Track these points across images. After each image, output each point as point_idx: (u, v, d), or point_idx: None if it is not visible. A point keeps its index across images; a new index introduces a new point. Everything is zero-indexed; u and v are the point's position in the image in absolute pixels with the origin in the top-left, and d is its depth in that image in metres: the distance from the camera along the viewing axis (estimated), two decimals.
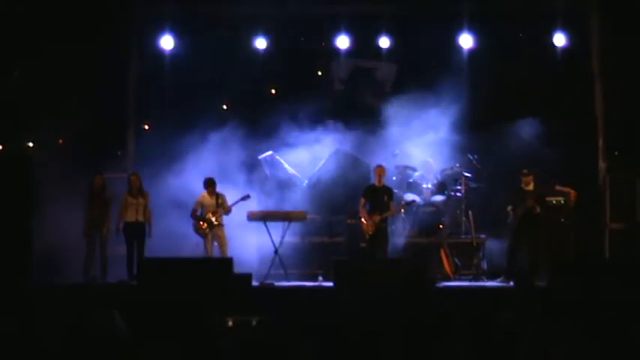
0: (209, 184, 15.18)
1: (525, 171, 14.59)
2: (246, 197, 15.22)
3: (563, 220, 15.06)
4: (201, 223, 15.02)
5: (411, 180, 16.44)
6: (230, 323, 10.54)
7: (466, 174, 16.20)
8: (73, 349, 7.39)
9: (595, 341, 7.19)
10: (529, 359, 7.07)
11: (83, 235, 14.63)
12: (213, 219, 15.01)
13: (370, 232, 14.58)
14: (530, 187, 14.57)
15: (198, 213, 15.09)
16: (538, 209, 14.52)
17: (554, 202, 15.12)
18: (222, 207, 15.08)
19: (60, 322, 8.38)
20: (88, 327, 7.88)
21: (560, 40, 16.42)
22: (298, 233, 15.84)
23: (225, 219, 15.13)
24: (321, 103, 16.97)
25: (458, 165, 16.31)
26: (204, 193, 15.18)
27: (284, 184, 16.72)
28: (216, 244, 15.07)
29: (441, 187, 16.32)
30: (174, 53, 17.16)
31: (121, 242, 14.79)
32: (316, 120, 16.63)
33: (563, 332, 7.22)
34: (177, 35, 17.10)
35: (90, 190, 14.75)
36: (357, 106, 17.78)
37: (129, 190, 14.89)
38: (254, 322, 8.84)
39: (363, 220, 14.68)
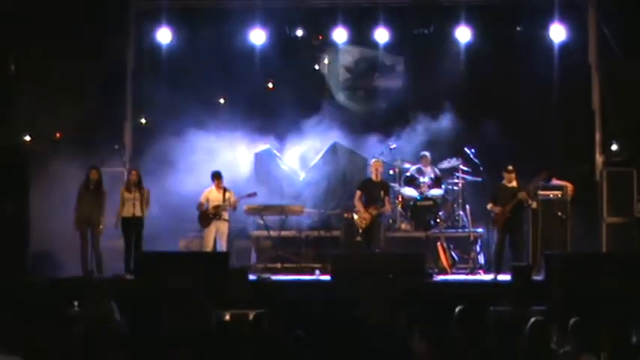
0: (216, 177, 15.09)
1: (510, 167, 14.36)
2: (252, 194, 15.10)
3: (560, 214, 15.00)
4: (207, 216, 14.91)
5: (408, 174, 16.43)
6: (227, 317, 10.55)
7: (463, 167, 16.18)
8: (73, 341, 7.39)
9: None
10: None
11: (75, 228, 14.58)
12: (219, 213, 14.91)
13: (364, 226, 14.54)
14: (513, 183, 14.37)
15: (205, 207, 15.01)
16: (534, 204, 14.54)
17: (551, 196, 15.10)
18: (228, 202, 14.99)
19: (57, 314, 8.39)
20: (89, 317, 7.89)
21: (557, 32, 16.38)
22: (295, 227, 15.85)
23: None
24: (317, 97, 17.01)
25: (455, 158, 16.28)
26: (212, 186, 15.06)
27: (281, 179, 16.72)
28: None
29: (437, 181, 16.30)
30: (171, 46, 17.12)
31: (118, 236, 14.74)
32: (313, 114, 16.63)
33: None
34: (174, 28, 17.06)
35: (84, 184, 14.61)
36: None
37: (126, 185, 14.83)
38: (251, 316, 8.85)
39: (359, 211, 14.58)
